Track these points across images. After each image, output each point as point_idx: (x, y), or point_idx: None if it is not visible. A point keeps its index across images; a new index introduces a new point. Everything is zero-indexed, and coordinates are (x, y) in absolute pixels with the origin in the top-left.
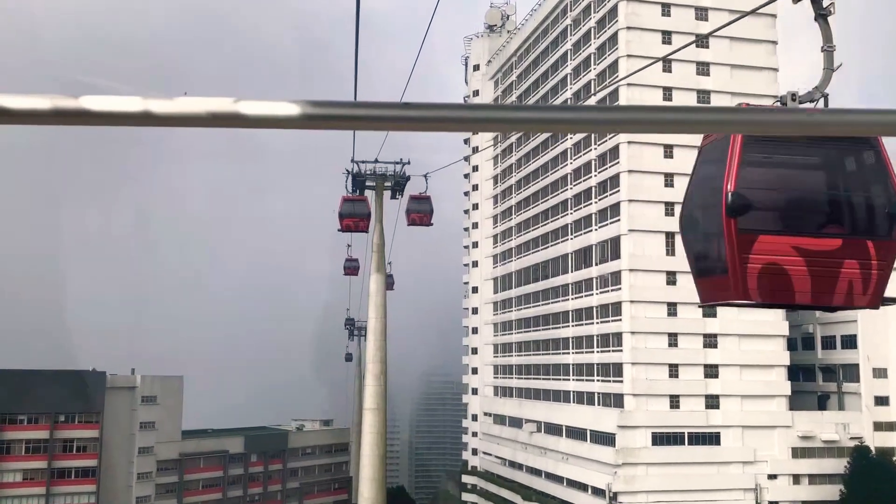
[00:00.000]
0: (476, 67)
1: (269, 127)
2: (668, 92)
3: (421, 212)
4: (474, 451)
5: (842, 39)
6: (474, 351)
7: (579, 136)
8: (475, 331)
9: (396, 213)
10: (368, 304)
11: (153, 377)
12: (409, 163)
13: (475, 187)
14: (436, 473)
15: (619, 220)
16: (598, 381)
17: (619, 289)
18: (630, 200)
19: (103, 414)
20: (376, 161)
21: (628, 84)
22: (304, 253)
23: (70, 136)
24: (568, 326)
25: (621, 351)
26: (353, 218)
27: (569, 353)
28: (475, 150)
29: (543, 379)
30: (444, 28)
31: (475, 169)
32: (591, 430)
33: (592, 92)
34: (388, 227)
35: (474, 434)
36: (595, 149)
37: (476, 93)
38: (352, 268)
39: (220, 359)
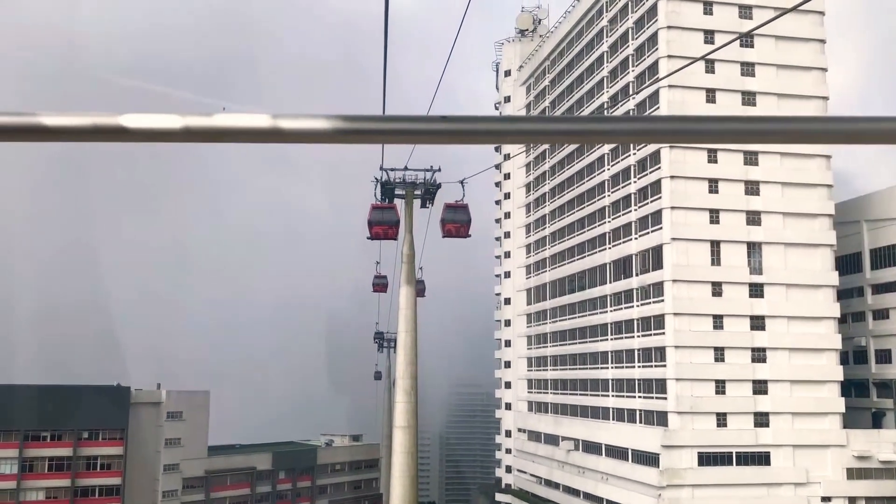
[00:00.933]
0: (507, 73)
1: (306, 142)
2: (711, 93)
3: (457, 222)
4: (508, 469)
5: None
6: (507, 364)
7: None
8: (508, 343)
9: (427, 221)
10: (398, 318)
11: (179, 392)
12: (439, 170)
13: (507, 196)
14: (466, 487)
15: (661, 228)
16: (639, 397)
17: (662, 300)
18: (673, 207)
19: (127, 431)
20: (406, 169)
21: (669, 85)
22: (334, 267)
23: (104, 152)
24: (607, 340)
25: (665, 366)
26: (382, 226)
27: (608, 368)
28: (507, 157)
29: (581, 395)
30: (473, 34)
31: (507, 177)
32: (632, 450)
33: (631, 94)
34: (417, 236)
35: (508, 451)
36: (634, 154)
37: (507, 99)
38: (380, 285)
39: (248, 372)
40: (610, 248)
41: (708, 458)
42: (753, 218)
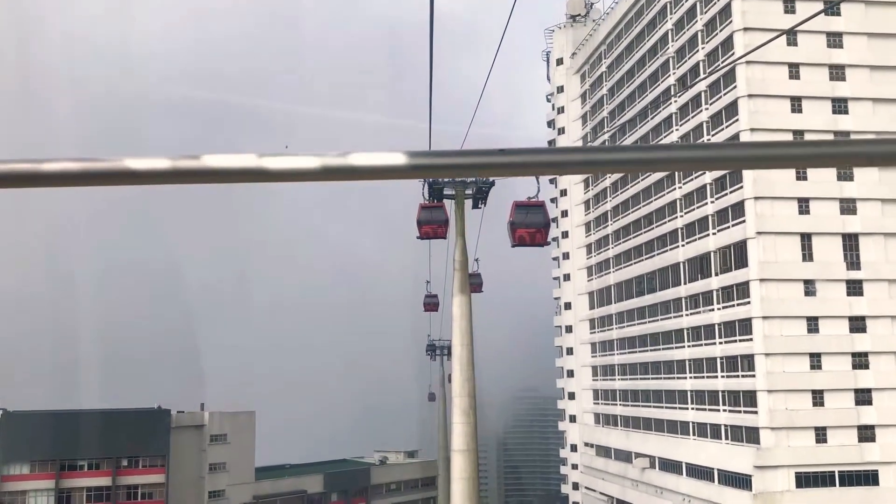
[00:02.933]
0: (559, 61)
1: (377, 178)
2: (794, 68)
3: (532, 226)
4: (575, 486)
5: None
6: (570, 374)
7: (688, 127)
8: (570, 351)
9: (480, 221)
10: (452, 330)
11: (222, 413)
12: None
13: (563, 192)
14: (527, 495)
15: (743, 220)
16: (724, 411)
17: (748, 302)
18: (756, 198)
19: (169, 457)
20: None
21: (747, 62)
22: (385, 280)
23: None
24: (683, 347)
25: (753, 376)
26: (432, 224)
27: (686, 378)
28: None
29: (655, 407)
30: (522, 27)
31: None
32: (718, 470)
33: (702, 75)
34: (469, 239)
35: (574, 466)
36: (710, 139)
37: (560, 88)
38: (431, 304)
39: (295, 388)
40: (684, 244)
41: (807, 479)
42: (848, 206)
